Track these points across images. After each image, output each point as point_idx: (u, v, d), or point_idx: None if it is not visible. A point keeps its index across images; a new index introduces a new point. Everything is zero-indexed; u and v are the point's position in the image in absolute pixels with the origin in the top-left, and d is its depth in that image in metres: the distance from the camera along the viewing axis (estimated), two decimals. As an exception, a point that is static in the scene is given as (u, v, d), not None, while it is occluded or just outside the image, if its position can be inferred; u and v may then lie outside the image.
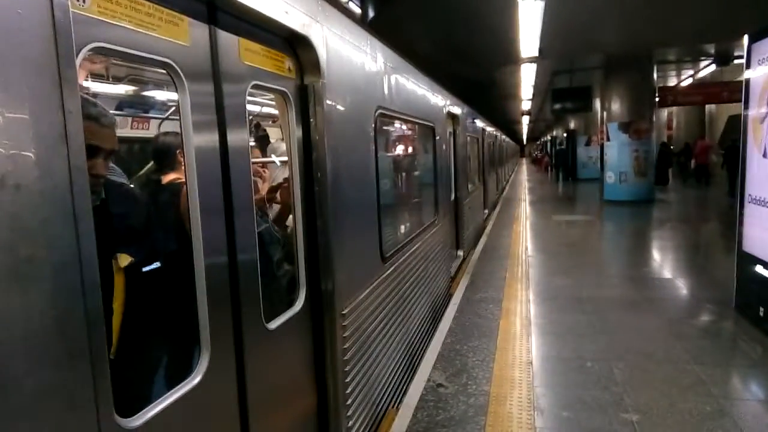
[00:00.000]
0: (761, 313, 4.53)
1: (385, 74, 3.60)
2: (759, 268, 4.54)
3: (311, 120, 2.40)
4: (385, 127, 4.35)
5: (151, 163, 2.46)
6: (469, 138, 9.41)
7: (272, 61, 2.15)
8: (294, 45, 2.31)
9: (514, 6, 8.46)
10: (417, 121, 5.02)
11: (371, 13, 10.17)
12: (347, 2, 9.84)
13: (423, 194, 5.93)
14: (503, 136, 23.53)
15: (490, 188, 13.86)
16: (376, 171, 3.27)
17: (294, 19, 2.14)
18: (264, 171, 2.57)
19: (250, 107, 2.06)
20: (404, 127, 5.26)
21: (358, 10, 9.88)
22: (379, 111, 3.41)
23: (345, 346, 2.61)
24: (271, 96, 2.65)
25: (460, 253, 7.91)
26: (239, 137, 1.88)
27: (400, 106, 4.07)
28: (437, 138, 5.83)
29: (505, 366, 4.03)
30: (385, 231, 3.58)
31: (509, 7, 8.69)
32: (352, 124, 2.87)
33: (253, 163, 2.15)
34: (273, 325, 2.10)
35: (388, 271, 3.51)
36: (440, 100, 6.27)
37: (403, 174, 5.60)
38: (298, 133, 2.35)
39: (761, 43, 4.58)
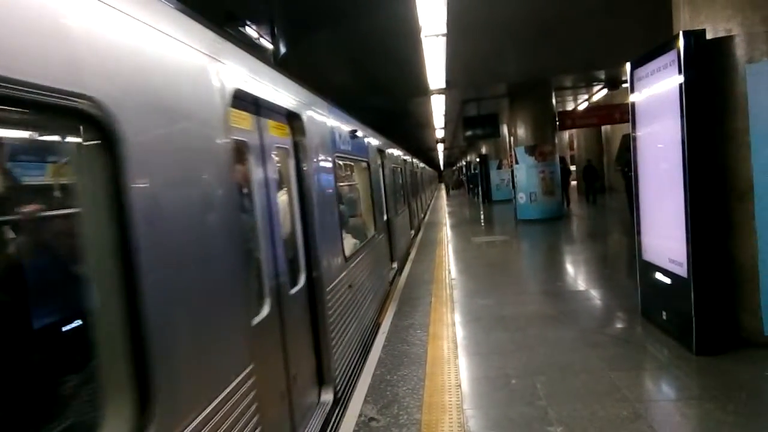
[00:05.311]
0: (664, 317, 4.88)
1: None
2: (658, 275, 4.90)
3: None
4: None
5: None
6: (393, 168, 10.70)
7: None
8: None
9: (419, 41, 8.83)
10: (356, 159, 6.18)
11: (282, 50, 10.23)
12: (258, 38, 9.84)
13: (366, 215, 7.43)
14: (421, 164, 24.25)
15: (413, 210, 15.54)
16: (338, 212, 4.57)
17: None
18: None
19: None
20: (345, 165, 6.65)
21: (270, 47, 9.90)
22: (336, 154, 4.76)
23: None
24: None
25: (395, 265, 9.07)
26: None
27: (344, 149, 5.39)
28: (371, 171, 7.15)
29: (434, 392, 4.06)
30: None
31: (415, 43, 9.06)
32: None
33: None
34: None
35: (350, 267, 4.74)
36: (372, 140, 7.50)
37: (349, 203, 6.81)
38: None
39: (641, 69, 5.03)
